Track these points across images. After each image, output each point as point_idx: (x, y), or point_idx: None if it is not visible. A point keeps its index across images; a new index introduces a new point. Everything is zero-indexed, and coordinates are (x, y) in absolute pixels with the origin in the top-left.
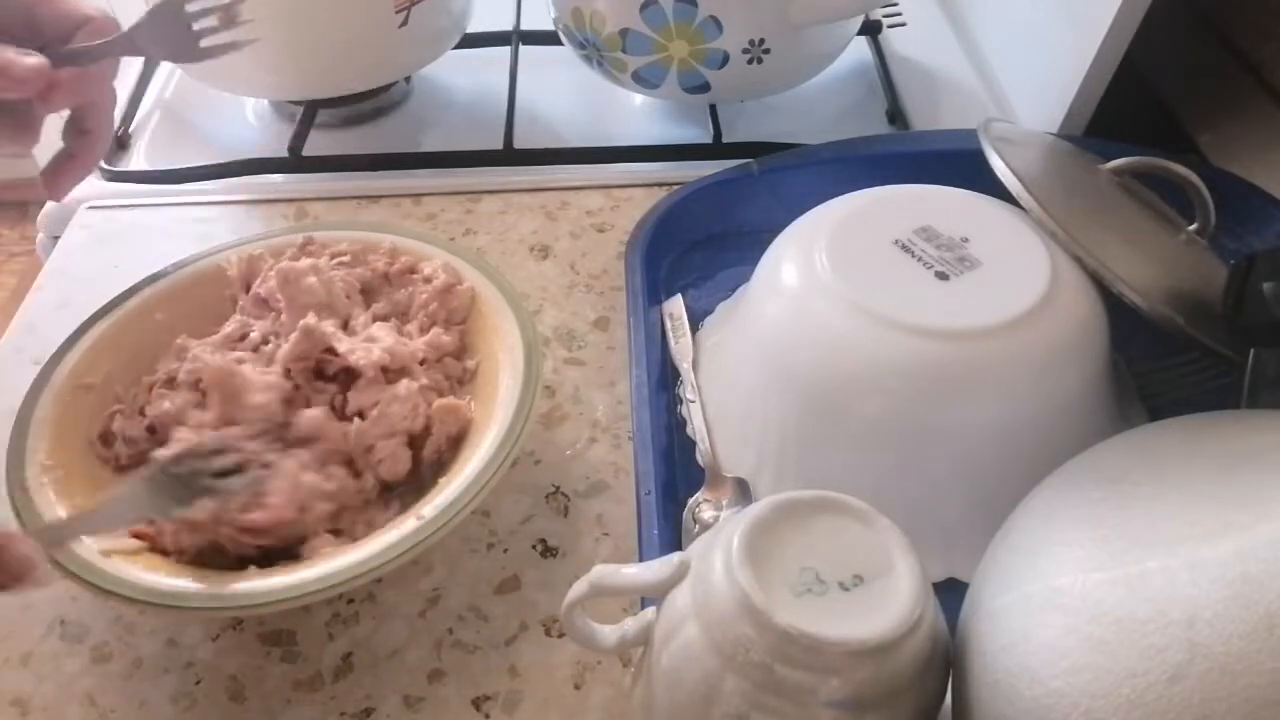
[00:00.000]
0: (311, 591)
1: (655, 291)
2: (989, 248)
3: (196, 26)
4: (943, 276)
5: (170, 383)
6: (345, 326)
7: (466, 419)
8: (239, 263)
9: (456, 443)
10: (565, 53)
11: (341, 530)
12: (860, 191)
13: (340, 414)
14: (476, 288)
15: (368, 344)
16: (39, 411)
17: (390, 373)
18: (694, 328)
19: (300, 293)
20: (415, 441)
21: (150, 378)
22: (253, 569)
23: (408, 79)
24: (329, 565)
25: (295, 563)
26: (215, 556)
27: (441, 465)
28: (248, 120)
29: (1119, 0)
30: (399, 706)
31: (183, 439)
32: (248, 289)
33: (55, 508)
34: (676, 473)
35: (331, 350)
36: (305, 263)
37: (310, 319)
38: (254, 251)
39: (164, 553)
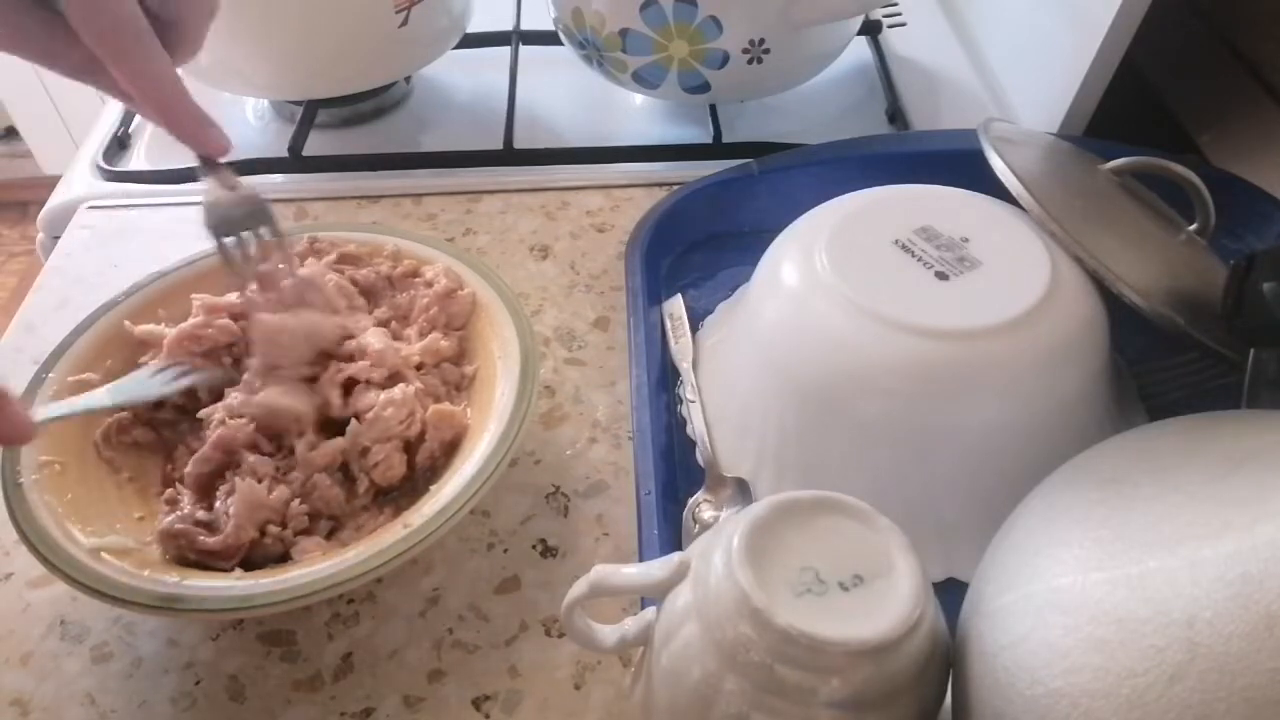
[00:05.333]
0: (305, 594)
1: (655, 291)
2: (989, 248)
3: None
4: (943, 276)
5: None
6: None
7: (462, 425)
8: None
9: (452, 448)
10: (565, 53)
11: (332, 534)
12: (860, 191)
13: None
14: (477, 292)
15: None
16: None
17: (386, 378)
18: (694, 328)
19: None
20: (410, 447)
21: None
22: (239, 570)
23: (408, 79)
24: (322, 567)
25: (284, 564)
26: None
27: (435, 471)
28: (248, 120)
29: (1119, 0)
30: (399, 706)
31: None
32: None
33: (49, 503)
34: (676, 473)
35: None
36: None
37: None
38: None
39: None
